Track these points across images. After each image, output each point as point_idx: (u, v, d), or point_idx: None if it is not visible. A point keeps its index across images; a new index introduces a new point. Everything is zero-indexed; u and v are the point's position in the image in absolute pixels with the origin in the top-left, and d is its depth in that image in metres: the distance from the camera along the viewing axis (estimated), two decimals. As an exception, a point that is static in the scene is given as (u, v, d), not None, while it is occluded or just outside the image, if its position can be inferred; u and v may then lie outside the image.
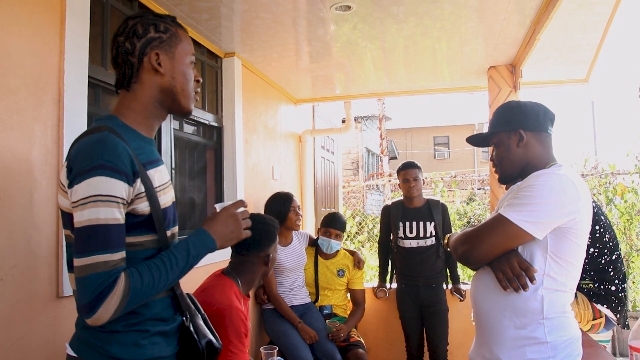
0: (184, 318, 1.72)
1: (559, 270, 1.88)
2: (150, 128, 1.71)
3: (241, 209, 1.75)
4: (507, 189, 2.27)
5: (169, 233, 1.67)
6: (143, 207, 1.54)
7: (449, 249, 2.28)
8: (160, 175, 1.65)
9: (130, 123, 1.64)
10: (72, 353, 1.57)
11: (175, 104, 1.70)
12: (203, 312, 1.90)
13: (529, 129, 2.08)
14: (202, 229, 1.65)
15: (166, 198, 1.66)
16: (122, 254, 1.45)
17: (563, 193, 1.85)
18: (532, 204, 1.84)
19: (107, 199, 1.41)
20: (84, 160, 1.44)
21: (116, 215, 1.43)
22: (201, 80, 1.81)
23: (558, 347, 1.85)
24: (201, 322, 1.80)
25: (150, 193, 1.56)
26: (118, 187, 1.44)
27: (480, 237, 1.92)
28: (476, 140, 2.31)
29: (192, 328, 1.71)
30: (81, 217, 1.42)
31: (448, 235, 2.37)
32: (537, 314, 1.87)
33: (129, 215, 1.52)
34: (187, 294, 1.90)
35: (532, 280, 1.84)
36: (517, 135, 2.08)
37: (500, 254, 1.90)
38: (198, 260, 1.61)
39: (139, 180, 1.52)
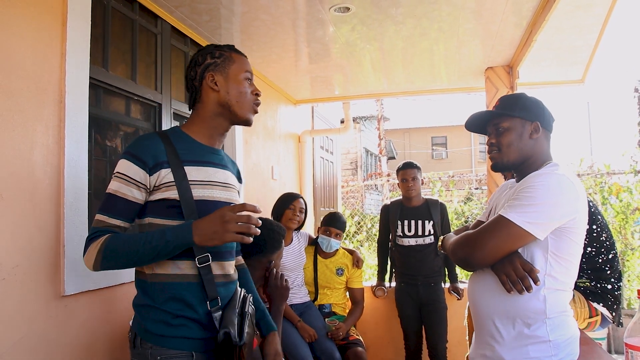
0: (208, 303, 1.85)
1: (559, 270, 1.88)
2: (209, 136, 2.00)
3: (244, 213, 1.76)
4: (506, 178, 2.23)
5: None
6: (171, 194, 1.81)
7: (442, 251, 2.27)
8: (203, 173, 1.91)
9: (188, 131, 1.98)
10: (130, 323, 1.92)
11: (232, 114, 1.98)
12: (248, 310, 1.96)
13: (543, 125, 2.07)
14: (189, 222, 1.78)
15: (205, 192, 1.88)
16: (119, 222, 1.80)
17: (563, 193, 1.85)
18: (533, 204, 1.82)
19: (122, 177, 1.79)
20: (124, 149, 1.87)
21: (124, 190, 1.78)
22: (260, 93, 2.05)
23: (560, 345, 1.86)
24: (233, 315, 1.87)
25: (180, 183, 1.82)
26: (133, 170, 1.78)
27: (481, 240, 1.88)
28: (480, 119, 2.22)
29: (216, 316, 1.85)
30: (108, 187, 1.82)
31: (442, 237, 2.36)
32: (540, 314, 1.87)
33: (164, 200, 1.81)
34: (243, 289, 2.07)
35: (535, 281, 1.83)
36: (534, 126, 2.05)
37: (503, 257, 1.88)
38: (172, 247, 1.74)
39: (164, 171, 1.81)
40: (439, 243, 2.40)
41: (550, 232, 1.85)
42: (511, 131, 2.06)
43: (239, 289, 2.04)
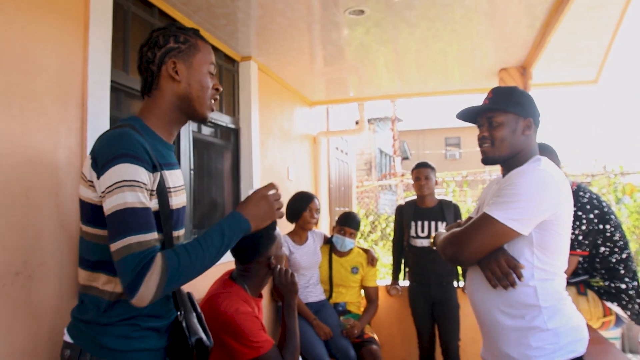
0: (178, 313, 1.77)
1: (546, 261, 1.92)
2: (170, 133, 1.82)
3: (272, 191, 1.82)
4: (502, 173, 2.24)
5: (175, 234, 1.75)
6: (153, 204, 1.62)
7: (435, 248, 2.30)
8: (175, 178, 1.77)
9: (151, 126, 1.76)
10: (68, 339, 1.67)
11: (191, 110, 1.80)
12: (199, 310, 1.96)
13: (535, 122, 2.10)
14: (236, 212, 1.72)
15: (177, 200, 1.76)
16: (154, 235, 1.52)
17: (544, 189, 1.88)
18: (516, 201, 1.86)
19: (131, 184, 1.50)
20: (107, 152, 1.55)
21: (141, 199, 1.51)
22: (221, 89, 1.88)
23: (560, 334, 1.89)
24: (194, 320, 1.85)
25: (162, 191, 1.65)
26: (140, 173, 1.53)
27: (467, 238, 1.95)
28: (473, 113, 2.21)
29: (184, 324, 1.76)
30: (110, 204, 1.50)
31: (434, 234, 2.40)
32: (534, 305, 1.91)
33: None
34: (187, 292, 1.96)
35: (519, 277, 1.89)
36: (526, 122, 2.07)
37: (489, 252, 1.93)
38: (233, 242, 1.67)
39: (157, 175, 1.63)
40: (431, 240, 2.43)
41: (534, 227, 1.88)
42: (504, 126, 2.07)
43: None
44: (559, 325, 1.90)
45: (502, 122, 2.07)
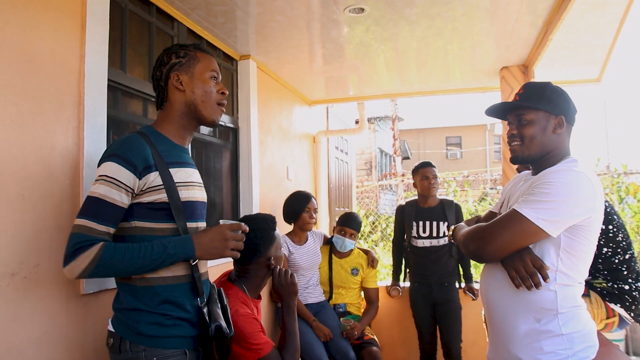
0: (199, 300, 1.95)
1: (570, 266, 1.87)
2: (181, 137, 2.05)
3: (237, 232, 1.94)
4: (519, 171, 2.18)
5: (193, 225, 1.97)
6: (160, 197, 1.85)
7: (452, 241, 2.26)
8: (184, 174, 1.96)
9: (163, 132, 2.00)
10: (111, 329, 1.89)
11: (198, 115, 2.03)
12: (225, 303, 2.09)
13: (568, 120, 2.02)
14: (189, 236, 1.88)
15: (189, 194, 1.95)
16: (107, 228, 1.77)
17: (580, 191, 1.81)
18: (549, 201, 1.79)
19: (110, 180, 1.76)
20: (107, 151, 1.86)
21: (114, 195, 1.76)
22: (227, 92, 2.10)
23: (575, 339, 1.85)
24: (217, 309, 1.98)
25: (168, 185, 1.87)
26: (124, 174, 1.78)
27: (494, 234, 1.87)
28: (502, 109, 2.16)
29: (205, 311, 1.92)
30: (90, 190, 1.79)
31: (453, 227, 2.34)
32: (552, 309, 1.86)
33: (152, 203, 1.85)
34: (212, 284, 2.14)
35: (545, 278, 1.82)
36: (558, 120, 2.00)
37: (514, 252, 1.87)
38: (173, 260, 1.83)
39: (153, 175, 1.84)
40: (449, 233, 2.38)
41: (564, 229, 1.82)
42: (534, 124, 2.01)
43: (212, 283, 2.15)
44: (574, 330, 1.86)
45: (532, 119, 2.01)
